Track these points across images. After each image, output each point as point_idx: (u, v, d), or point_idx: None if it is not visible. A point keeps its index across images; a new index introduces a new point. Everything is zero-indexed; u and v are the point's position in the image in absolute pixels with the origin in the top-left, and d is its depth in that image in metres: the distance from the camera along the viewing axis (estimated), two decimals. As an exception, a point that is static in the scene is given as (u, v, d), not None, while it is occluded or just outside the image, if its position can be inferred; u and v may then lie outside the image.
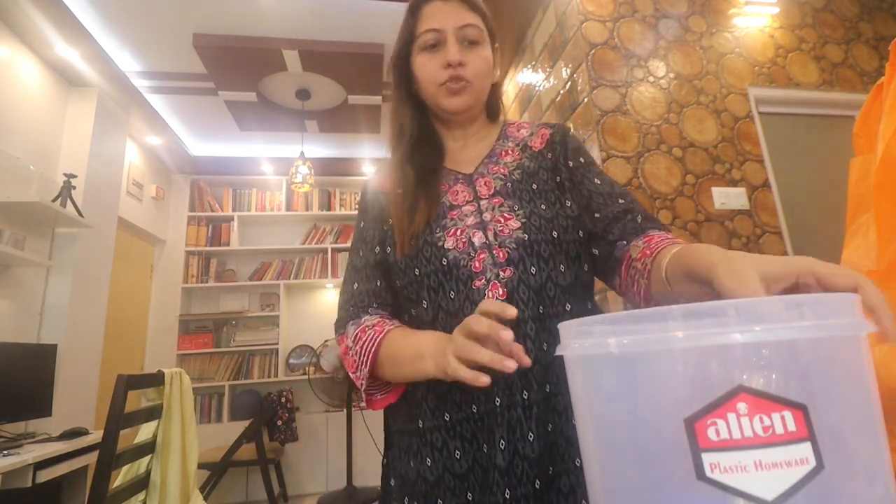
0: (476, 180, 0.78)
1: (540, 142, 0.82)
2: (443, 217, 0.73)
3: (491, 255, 0.68)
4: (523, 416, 0.63)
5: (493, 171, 0.78)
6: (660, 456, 0.30)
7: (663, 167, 2.10)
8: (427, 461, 0.67)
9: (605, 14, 2.26)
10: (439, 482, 0.66)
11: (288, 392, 3.81)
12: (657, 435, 0.30)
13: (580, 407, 0.37)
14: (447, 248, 0.70)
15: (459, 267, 0.68)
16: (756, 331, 0.28)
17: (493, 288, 0.67)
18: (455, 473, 0.65)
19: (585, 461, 0.37)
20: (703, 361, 0.29)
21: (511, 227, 0.70)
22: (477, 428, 0.65)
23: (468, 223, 0.72)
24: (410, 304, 0.73)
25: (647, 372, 0.31)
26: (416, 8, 0.79)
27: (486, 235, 0.70)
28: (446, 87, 0.76)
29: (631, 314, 0.32)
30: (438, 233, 0.72)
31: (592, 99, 2.11)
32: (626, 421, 0.32)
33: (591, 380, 0.36)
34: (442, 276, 0.69)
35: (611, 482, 0.34)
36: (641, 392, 0.32)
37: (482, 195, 0.75)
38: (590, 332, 0.34)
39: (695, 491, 0.27)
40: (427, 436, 0.68)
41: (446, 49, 0.75)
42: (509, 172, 0.78)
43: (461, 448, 0.65)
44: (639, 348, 0.31)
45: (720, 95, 2.29)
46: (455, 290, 0.68)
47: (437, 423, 0.67)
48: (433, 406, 0.68)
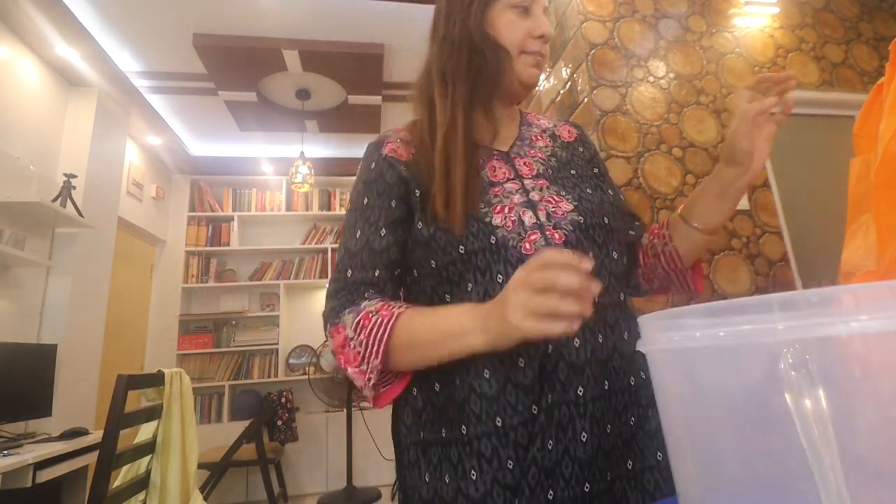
0: (514, 159, 0.72)
1: (568, 135, 0.80)
2: (484, 193, 0.65)
3: (544, 237, 0.61)
4: (576, 415, 0.57)
5: (530, 153, 0.73)
6: (764, 454, 0.28)
7: (663, 167, 2.10)
8: (472, 474, 0.58)
9: (605, 14, 2.26)
10: (485, 498, 0.57)
11: (288, 392, 3.81)
12: (762, 434, 0.29)
13: (670, 405, 0.35)
14: (495, 226, 0.61)
15: (508, 248, 0.60)
16: (863, 320, 0.25)
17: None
18: (506, 485, 0.56)
19: (675, 459, 0.35)
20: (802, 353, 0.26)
21: (564, 209, 0.64)
22: (531, 431, 0.57)
23: (515, 201, 0.64)
24: (447, 288, 0.63)
25: (747, 366, 0.29)
26: None
27: (536, 216, 0.63)
28: (532, 57, 0.70)
29: (726, 305, 0.30)
30: (484, 208, 0.63)
31: (592, 99, 2.11)
32: (727, 419, 0.31)
33: (683, 375, 0.34)
34: (490, 255, 0.60)
35: (710, 483, 0.32)
36: (741, 386, 0.30)
37: (524, 174, 0.69)
38: (680, 325, 0.32)
39: (809, 494, 0.25)
40: (473, 444, 0.58)
41: (537, 19, 0.70)
42: (546, 157, 0.73)
43: (514, 456, 0.57)
44: (737, 340, 0.28)
45: (720, 95, 2.29)
46: (503, 275, 0.59)
47: (486, 428, 0.58)
48: (478, 409, 0.59)
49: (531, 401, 0.58)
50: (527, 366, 0.58)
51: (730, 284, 2.00)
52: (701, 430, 0.33)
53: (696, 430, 0.33)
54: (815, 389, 0.26)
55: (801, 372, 0.26)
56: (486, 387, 0.59)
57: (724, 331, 0.29)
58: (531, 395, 0.58)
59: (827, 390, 0.26)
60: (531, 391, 0.58)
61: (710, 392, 0.32)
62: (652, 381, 0.36)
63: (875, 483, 0.26)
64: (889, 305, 0.25)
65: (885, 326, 0.25)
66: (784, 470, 0.27)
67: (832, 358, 0.27)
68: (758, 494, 0.28)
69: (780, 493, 0.27)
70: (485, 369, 0.59)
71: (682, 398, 0.34)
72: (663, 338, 0.33)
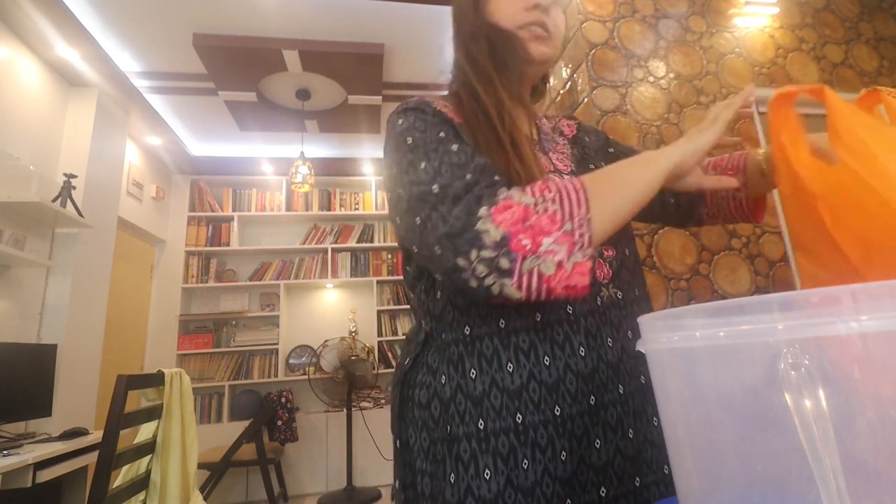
0: (548, 152, 0.69)
1: (569, 129, 0.78)
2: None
3: None
4: (622, 413, 0.56)
5: (557, 148, 0.71)
6: (764, 454, 0.28)
7: (663, 167, 2.10)
8: (524, 463, 0.54)
9: (605, 14, 2.26)
10: (533, 489, 0.53)
11: (288, 392, 3.81)
12: (762, 434, 0.28)
13: (669, 405, 0.35)
14: None
15: None
16: (863, 320, 0.25)
17: (599, 266, 0.60)
18: (557, 478, 0.54)
19: (675, 459, 0.35)
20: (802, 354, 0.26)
21: None
22: (585, 424, 0.55)
23: None
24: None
25: (747, 366, 0.29)
26: None
27: None
28: (529, 31, 0.65)
29: (726, 305, 0.30)
30: None
31: (592, 99, 2.11)
32: (726, 419, 0.31)
33: (683, 375, 0.34)
34: None
35: (710, 483, 0.32)
36: (741, 386, 0.30)
37: (561, 169, 0.67)
38: (681, 326, 0.32)
39: (809, 494, 0.25)
40: (529, 433, 0.54)
41: None
42: (569, 155, 0.71)
43: (568, 448, 0.54)
44: (737, 340, 0.28)
45: (720, 95, 2.29)
46: None
47: (543, 417, 0.55)
48: (537, 398, 0.55)
49: (592, 391, 0.56)
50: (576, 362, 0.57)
51: (730, 284, 2.00)
52: (701, 430, 0.33)
53: (696, 430, 0.33)
54: (815, 389, 0.26)
55: (801, 372, 0.26)
56: (509, 381, 0.56)
57: (723, 331, 0.29)
58: (590, 384, 0.56)
59: (827, 390, 0.26)
60: (590, 379, 0.56)
61: (710, 392, 0.32)
62: (652, 381, 0.36)
63: (875, 483, 0.26)
64: (888, 305, 0.25)
65: (885, 326, 0.25)
66: (784, 470, 0.27)
67: (832, 358, 0.27)
68: (758, 494, 0.28)
69: (779, 493, 0.27)
70: (508, 363, 0.56)
71: (681, 398, 0.34)
72: (663, 338, 0.33)
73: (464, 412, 0.56)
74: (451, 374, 0.59)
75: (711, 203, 0.76)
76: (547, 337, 0.56)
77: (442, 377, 0.59)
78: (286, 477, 3.76)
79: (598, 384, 0.56)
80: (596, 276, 0.59)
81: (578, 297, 0.49)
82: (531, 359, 0.56)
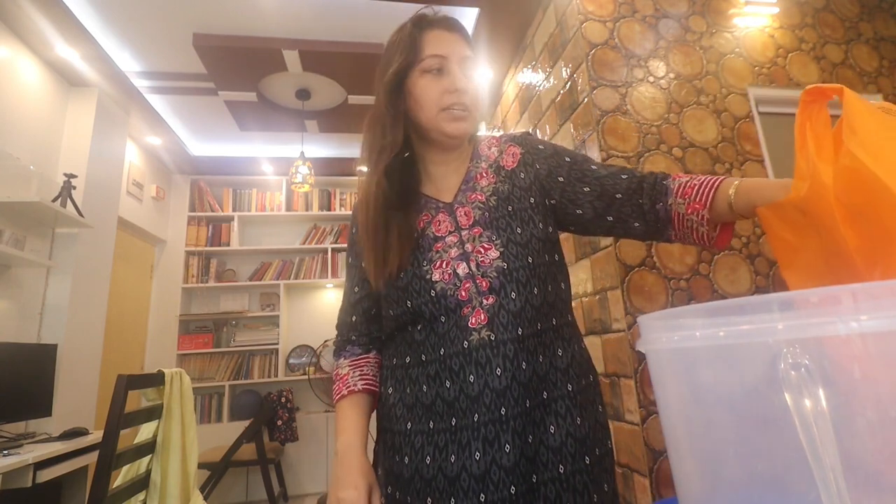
0: (456, 210, 0.81)
1: (512, 160, 0.84)
2: (428, 250, 0.78)
3: (475, 284, 0.74)
4: (500, 430, 0.68)
5: (472, 199, 0.81)
6: (764, 454, 0.28)
7: (663, 167, 2.10)
8: (405, 459, 0.74)
9: (605, 14, 2.26)
10: (410, 480, 0.73)
11: (288, 392, 3.81)
12: (762, 434, 0.29)
13: (669, 405, 0.35)
14: (434, 281, 0.75)
15: (447, 297, 0.74)
16: (863, 320, 0.25)
17: (476, 314, 0.73)
18: (423, 476, 0.72)
19: (676, 459, 0.35)
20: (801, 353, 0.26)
21: (491, 257, 0.75)
22: (450, 439, 0.71)
23: (452, 255, 0.76)
24: (404, 327, 0.79)
25: (747, 366, 0.29)
26: (420, 31, 0.80)
27: (468, 266, 0.75)
28: (450, 113, 0.78)
29: (726, 305, 0.30)
30: (426, 266, 0.76)
31: (592, 99, 2.11)
32: (726, 419, 0.31)
33: (683, 375, 0.34)
34: (432, 306, 0.74)
35: (710, 483, 0.32)
36: (741, 386, 0.30)
37: (463, 225, 0.79)
38: (681, 326, 0.32)
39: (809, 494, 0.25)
40: (410, 437, 0.75)
41: (451, 76, 0.78)
42: (486, 199, 0.80)
43: (432, 455, 0.72)
44: (737, 340, 0.29)
45: (720, 95, 2.29)
46: (445, 316, 0.74)
47: (420, 427, 0.74)
48: (419, 414, 0.74)
49: (454, 414, 0.73)
50: (455, 391, 0.73)
51: (730, 284, 2.00)
52: (701, 430, 0.33)
53: (696, 429, 0.33)
54: (814, 389, 0.26)
55: (801, 372, 0.26)
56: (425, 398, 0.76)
57: (724, 331, 0.29)
58: (459, 409, 0.72)
59: (827, 390, 0.26)
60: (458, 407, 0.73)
61: (710, 392, 0.32)
62: (652, 380, 0.36)
63: (875, 483, 0.26)
64: (888, 305, 0.25)
65: (885, 326, 0.25)
66: (784, 470, 0.27)
67: (832, 358, 0.27)
68: (758, 494, 0.28)
69: (779, 492, 0.27)
70: (423, 385, 0.76)
71: (681, 398, 0.34)
72: (663, 338, 0.33)
73: (399, 415, 0.77)
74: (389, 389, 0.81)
75: (679, 228, 0.73)
76: (445, 367, 0.73)
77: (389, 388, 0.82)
78: (286, 477, 3.76)
79: (458, 410, 0.71)
80: (469, 322, 0.72)
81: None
82: (416, 386, 0.75)
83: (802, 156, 0.54)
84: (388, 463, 0.77)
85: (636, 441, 1.73)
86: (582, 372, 0.77)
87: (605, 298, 1.97)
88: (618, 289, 1.86)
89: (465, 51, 0.80)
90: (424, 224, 0.80)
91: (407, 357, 0.78)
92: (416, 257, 0.77)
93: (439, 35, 0.80)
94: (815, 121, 0.55)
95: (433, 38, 0.79)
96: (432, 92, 0.78)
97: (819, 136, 0.54)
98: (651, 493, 1.67)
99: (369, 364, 0.85)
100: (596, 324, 2.04)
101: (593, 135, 2.08)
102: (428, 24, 0.81)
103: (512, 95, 3.14)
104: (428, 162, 0.85)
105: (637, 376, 1.77)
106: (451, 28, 0.81)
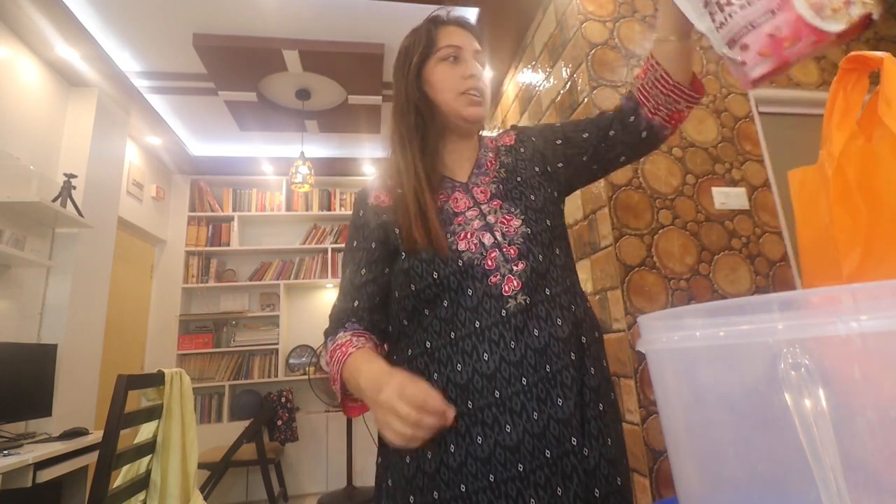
0: (472, 188, 0.85)
1: (509, 140, 0.93)
2: (450, 223, 0.80)
3: (501, 253, 0.76)
4: (550, 387, 0.70)
5: (484, 180, 0.86)
6: (764, 454, 0.28)
7: (663, 167, 2.10)
8: (451, 448, 0.71)
9: (605, 14, 2.26)
10: (435, 474, 0.71)
11: (288, 392, 3.81)
12: (762, 434, 0.28)
13: (670, 405, 0.35)
14: (461, 251, 0.76)
15: (474, 266, 0.75)
16: (863, 320, 0.25)
17: (508, 281, 0.74)
18: (449, 466, 0.70)
19: (676, 459, 0.35)
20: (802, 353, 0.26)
21: (515, 226, 0.78)
22: (499, 412, 0.69)
23: (475, 226, 0.79)
24: (426, 306, 0.77)
25: (747, 366, 0.29)
26: (437, 24, 0.88)
27: (493, 236, 0.77)
28: (468, 97, 0.84)
29: (726, 305, 0.30)
30: (450, 237, 0.78)
31: (592, 99, 2.11)
32: (726, 419, 0.31)
33: (683, 375, 0.34)
34: (460, 276, 0.75)
35: (710, 483, 0.32)
36: (741, 386, 0.30)
37: (481, 201, 0.83)
38: (681, 326, 0.32)
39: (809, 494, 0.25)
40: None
41: (466, 64, 0.85)
42: (496, 172, 0.86)
43: (482, 433, 0.70)
44: (737, 340, 0.29)
45: (720, 95, 2.29)
46: (472, 288, 0.74)
47: (459, 411, 0.71)
48: (452, 398, 0.72)
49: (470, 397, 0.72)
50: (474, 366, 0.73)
51: (730, 284, 2.00)
52: (701, 430, 0.33)
53: (696, 429, 0.33)
54: (815, 389, 0.26)
55: (801, 372, 0.26)
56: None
57: (724, 331, 0.29)
58: (484, 388, 0.72)
59: (826, 390, 0.26)
60: (493, 378, 0.72)
61: (710, 392, 0.32)
62: (652, 380, 0.36)
63: (875, 483, 0.26)
64: (888, 305, 0.25)
65: (885, 326, 0.25)
66: (784, 470, 0.27)
67: (832, 358, 0.27)
68: (758, 494, 0.28)
69: (779, 492, 0.27)
70: (434, 372, 0.74)
71: (682, 398, 0.34)
72: (663, 338, 0.33)
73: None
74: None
75: (648, 101, 0.82)
76: (458, 349, 0.73)
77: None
78: (286, 477, 3.76)
79: (501, 380, 0.70)
80: (503, 290, 0.73)
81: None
82: (448, 367, 0.73)
83: (826, 124, 0.54)
84: (419, 462, 0.72)
85: (636, 441, 1.73)
86: (594, 325, 0.82)
87: (605, 298, 1.97)
88: (618, 289, 1.86)
89: (477, 46, 0.88)
90: (442, 202, 0.83)
91: (427, 342, 0.76)
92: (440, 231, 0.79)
93: (453, 30, 0.87)
94: (849, 90, 0.55)
95: (448, 31, 0.87)
96: (450, 78, 0.84)
97: (850, 106, 0.53)
98: (651, 493, 1.67)
99: (373, 339, 0.80)
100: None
101: (593, 135, 2.08)
102: (442, 21, 0.89)
103: (512, 95, 3.14)
104: (443, 149, 0.89)
105: (637, 376, 1.77)
106: (463, 25, 0.89)
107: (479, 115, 0.85)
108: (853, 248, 0.45)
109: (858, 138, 0.48)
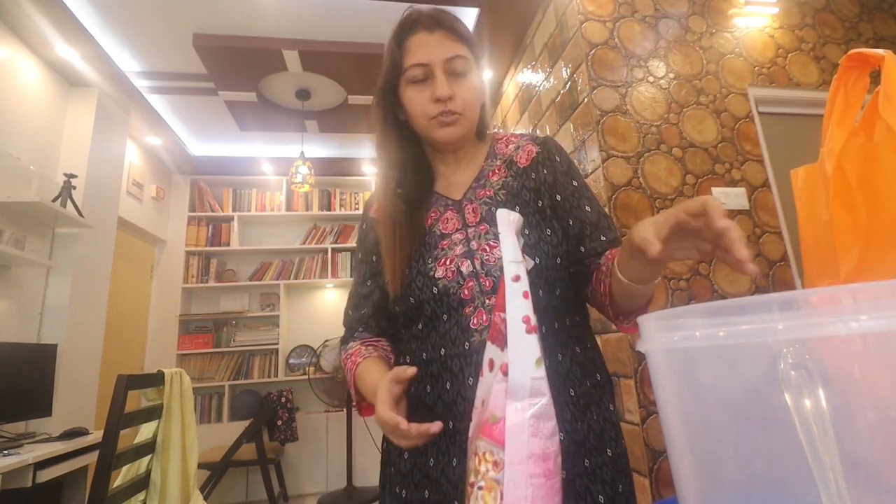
0: (464, 207, 0.80)
1: (526, 158, 0.84)
2: (434, 247, 0.77)
3: (478, 283, 0.72)
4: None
5: (480, 195, 0.81)
6: (764, 454, 0.28)
7: (663, 167, 2.10)
8: (408, 458, 0.75)
9: (605, 14, 2.26)
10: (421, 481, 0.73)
11: (288, 392, 3.81)
12: (762, 434, 0.28)
13: (669, 405, 0.35)
14: (437, 278, 0.73)
15: (450, 294, 0.72)
16: (863, 320, 0.25)
17: (479, 314, 0.71)
18: (429, 477, 0.72)
19: (675, 459, 0.35)
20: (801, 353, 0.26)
21: (496, 256, 0.73)
22: (451, 443, 0.71)
23: (457, 252, 0.75)
24: (411, 324, 0.79)
25: (747, 366, 0.29)
26: (401, 40, 0.79)
27: (473, 264, 0.73)
28: (437, 121, 0.77)
29: (726, 305, 0.30)
30: (430, 263, 0.75)
31: (592, 99, 2.11)
32: (726, 419, 0.30)
33: (683, 375, 0.34)
34: (434, 303, 0.73)
35: (710, 483, 0.32)
36: (741, 386, 0.30)
37: (470, 223, 0.78)
38: (681, 326, 0.32)
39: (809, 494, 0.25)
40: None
41: (434, 83, 0.76)
42: (494, 194, 0.80)
43: (435, 458, 0.72)
44: (737, 340, 0.28)
45: (720, 95, 2.29)
46: (447, 315, 0.73)
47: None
48: (423, 416, 0.72)
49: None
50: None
51: (730, 284, 2.00)
52: (700, 430, 0.33)
53: (696, 429, 0.33)
54: (815, 389, 0.26)
55: (801, 372, 0.26)
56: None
57: (723, 331, 0.29)
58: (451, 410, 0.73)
59: (827, 390, 0.26)
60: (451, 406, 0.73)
61: (710, 392, 0.32)
62: (652, 380, 0.36)
63: (875, 483, 0.26)
64: (888, 305, 0.25)
65: (885, 326, 0.25)
66: (784, 470, 0.27)
67: (832, 358, 0.26)
68: (758, 494, 0.28)
69: (779, 493, 0.27)
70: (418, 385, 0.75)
71: (681, 398, 0.34)
72: (663, 338, 0.33)
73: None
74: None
75: (595, 282, 0.74)
76: (427, 372, 0.73)
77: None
78: (286, 477, 3.76)
79: (457, 413, 0.69)
80: (471, 323, 0.71)
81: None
82: (420, 385, 0.73)
83: (826, 122, 0.54)
84: (398, 464, 0.77)
85: (636, 441, 1.73)
86: (586, 374, 0.74)
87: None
88: (618, 289, 1.87)
89: (452, 49, 0.76)
90: (432, 221, 0.80)
91: (418, 354, 0.77)
92: (422, 254, 0.77)
93: (420, 40, 0.77)
94: (850, 88, 0.54)
95: (414, 44, 0.77)
96: (419, 102, 0.78)
97: (850, 104, 0.53)
98: (651, 493, 1.67)
99: (382, 345, 0.83)
100: (596, 324, 2.04)
101: (593, 135, 2.08)
102: (410, 28, 0.78)
103: (512, 95, 3.14)
104: (437, 161, 0.86)
105: (637, 376, 1.77)
106: (432, 27, 0.77)
107: (452, 137, 0.79)
108: (852, 246, 0.45)
109: (859, 136, 0.48)
